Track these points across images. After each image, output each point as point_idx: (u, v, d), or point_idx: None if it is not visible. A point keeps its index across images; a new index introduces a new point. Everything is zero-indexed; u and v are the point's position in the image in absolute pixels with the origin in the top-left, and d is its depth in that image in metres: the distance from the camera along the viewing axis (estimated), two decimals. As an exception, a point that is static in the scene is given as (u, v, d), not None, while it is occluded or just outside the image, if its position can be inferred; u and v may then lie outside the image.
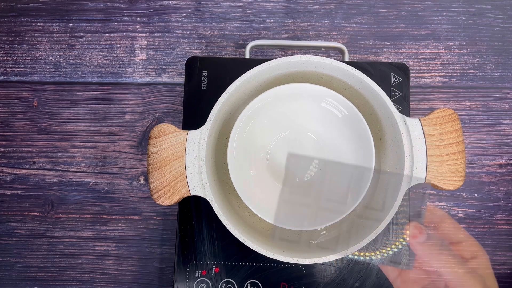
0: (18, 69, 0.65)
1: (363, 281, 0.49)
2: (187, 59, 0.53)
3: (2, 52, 0.65)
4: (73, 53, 0.65)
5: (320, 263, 0.44)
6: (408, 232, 0.30)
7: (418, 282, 0.32)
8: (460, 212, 0.61)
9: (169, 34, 0.65)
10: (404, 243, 0.33)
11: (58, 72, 0.64)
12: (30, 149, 0.63)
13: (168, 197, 0.44)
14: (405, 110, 0.51)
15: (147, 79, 0.64)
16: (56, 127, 0.63)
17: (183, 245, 0.50)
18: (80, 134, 0.63)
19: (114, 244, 0.61)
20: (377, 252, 0.50)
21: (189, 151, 0.44)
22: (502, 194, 0.62)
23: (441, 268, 0.30)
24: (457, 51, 0.64)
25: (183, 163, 0.44)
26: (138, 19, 0.65)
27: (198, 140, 0.44)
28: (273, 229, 0.49)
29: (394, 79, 0.52)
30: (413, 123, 0.44)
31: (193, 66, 0.52)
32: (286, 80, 0.47)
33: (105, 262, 0.61)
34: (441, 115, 0.45)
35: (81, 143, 0.63)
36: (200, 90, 0.52)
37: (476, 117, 0.63)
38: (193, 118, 0.51)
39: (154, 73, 0.64)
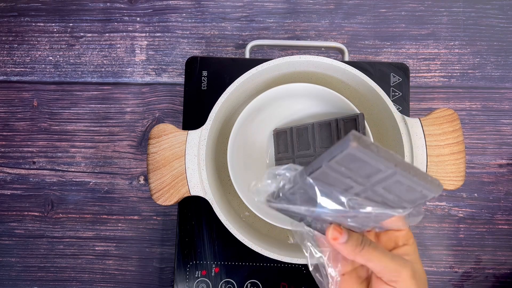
0: (18, 69, 0.65)
1: (363, 281, 0.49)
2: (187, 59, 0.53)
3: (2, 52, 0.65)
4: (73, 53, 0.65)
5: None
6: (328, 235, 0.31)
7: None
8: (460, 212, 0.61)
9: (169, 34, 0.65)
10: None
11: (58, 72, 0.64)
12: (30, 149, 0.63)
13: (168, 197, 0.44)
14: (405, 110, 0.51)
15: (147, 79, 0.64)
16: (56, 127, 0.63)
17: (183, 245, 0.50)
18: (80, 134, 0.63)
19: (114, 244, 0.61)
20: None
21: (189, 151, 0.44)
22: (502, 194, 0.62)
23: (367, 262, 0.31)
24: (457, 51, 0.64)
25: (183, 163, 0.44)
26: (138, 19, 0.65)
27: (198, 140, 0.44)
28: (273, 229, 0.49)
29: (394, 79, 0.52)
30: (413, 123, 0.44)
31: (193, 66, 0.52)
32: (286, 80, 0.47)
33: (105, 262, 0.61)
34: (441, 115, 0.45)
35: (81, 143, 0.63)
36: (200, 90, 0.52)
37: (476, 117, 0.63)
38: (193, 118, 0.51)
39: (154, 73, 0.64)
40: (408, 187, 0.27)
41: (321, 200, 0.29)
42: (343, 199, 0.29)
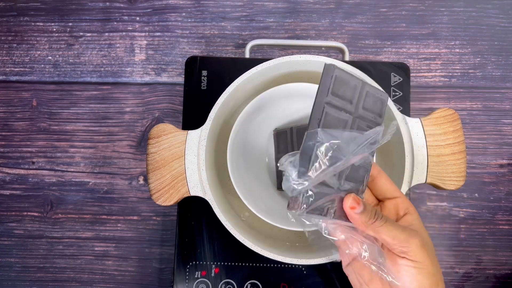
0: (17, 69, 0.64)
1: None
2: (187, 59, 0.52)
3: (1, 51, 0.65)
4: (72, 52, 0.65)
5: (320, 264, 0.44)
6: (346, 203, 0.33)
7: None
8: (461, 212, 0.61)
9: (169, 33, 0.65)
10: None
11: (57, 72, 0.64)
12: (29, 149, 0.63)
13: (167, 197, 0.44)
14: (405, 110, 0.51)
15: (147, 78, 0.64)
16: (55, 127, 0.63)
17: (183, 246, 0.50)
18: (79, 134, 0.63)
19: (114, 245, 0.61)
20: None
21: (188, 151, 0.44)
22: (502, 194, 0.62)
23: (377, 234, 0.32)
24: (457, 50, 0.64)
25: (182, 163, 0.44)
26: (138, 18, 0.65)
27: (198, 140, 0.44)
28: (273, 229, 0.49)
29: (395, 78, 0.52)
30: (414, 123, 0.44)
31: (192, 65, 0.52)
32: (286, 80, 0.47)
33: (105, 262, 0.61)
34: (441, 115, 0.45)
35: (80, 143, 0.63)
36: (199, 90, 0.52)
37: (477, 117, 0.63)
38: (192, 118, 0.51)
39: (153, 72, 0.64)
40: (373, 97, 0.35)
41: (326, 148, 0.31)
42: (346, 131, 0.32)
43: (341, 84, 0.33)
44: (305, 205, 0.31)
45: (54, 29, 0.65)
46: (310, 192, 0.31)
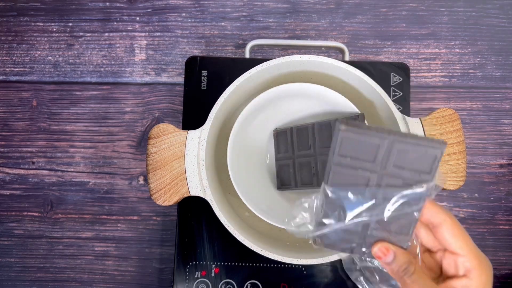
0: (17, 69, 0.64)
1: (363, 281, 0.49)
2: (187, 59, 0.52)
3: (1, 51, 0.65)
4: (72, 52, 0.65)
5: (320, 264, 0.44)
6: (372, 250, 0.31)
7: None
8: (461, 212, 0.61)
9: (169, 33, 0.65)
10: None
11: (57, 72, 0.64)
12: (29, 149, 0.63)
13: (167, 198, 0.44)
14: (405, 110, 0.51)
15: (147, 79, 0.64)
16: (55, 127, 0.63)
17: (183, 246, 0.50)
18: (79, 134, 0.63)
19: (114, 245, 0.61)
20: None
21: (188, 151, 0.44)
22: (502, 194, 0.62)
23: None
24: (457, 50, 0.64)
25: (182, 163, 0.44)
26: (138, 18, 0.65)
27: (198, 140, 0.44)
28: (273, 229, 0.49)
29: (395, 78, 0.52)
30: (414, 123, 0.44)
31: (192, 66, 0.52)
32: (286, 80, 0.47)
33: (105, 262, 0.61)
34: (441, 115, 0.45)
35: (80, 143, 0.63)
36: (199, 90, 0.52)
37: (477, 117, 0.63)
38: (192, 118, 0.51)
39: (153, 73, 0.64)
40: (414, 153, 0.28)
41: (348, 203, 0.29)
42: (367, 192, 0.29)
43: (352, 145, 0.29)
44: (320, 244, 0.31)
45: (54, 29, 0.65)
46: (321, 238, 0.31)
